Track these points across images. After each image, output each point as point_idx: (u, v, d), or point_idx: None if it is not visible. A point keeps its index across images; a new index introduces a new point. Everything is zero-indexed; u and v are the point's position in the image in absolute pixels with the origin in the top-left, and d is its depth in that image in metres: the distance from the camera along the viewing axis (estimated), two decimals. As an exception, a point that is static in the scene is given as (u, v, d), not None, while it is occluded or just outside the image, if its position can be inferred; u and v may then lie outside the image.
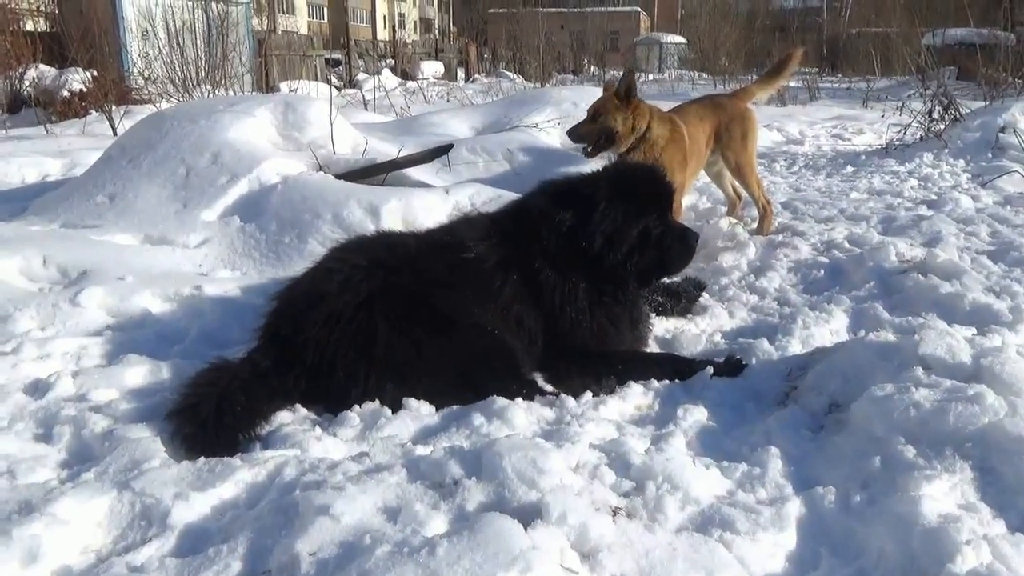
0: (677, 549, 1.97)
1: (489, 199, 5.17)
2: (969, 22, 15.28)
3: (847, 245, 5.15)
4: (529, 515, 1.99)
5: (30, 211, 5.57)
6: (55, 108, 12.44)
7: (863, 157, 9.19)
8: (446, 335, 3.05)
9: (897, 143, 9.16)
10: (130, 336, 3.71)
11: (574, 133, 5.17)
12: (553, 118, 8.24)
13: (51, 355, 3.43)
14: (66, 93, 12.49)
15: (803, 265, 4.87)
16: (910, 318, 3.74)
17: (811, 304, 4.17)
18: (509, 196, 4.80)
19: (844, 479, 2.34)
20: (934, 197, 6.70)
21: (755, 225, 5.79)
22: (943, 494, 2.13)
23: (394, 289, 3.09)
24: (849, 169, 8.61)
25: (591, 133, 5.07)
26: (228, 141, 5.64)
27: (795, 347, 3.56)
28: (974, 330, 3.50)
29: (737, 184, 6.03)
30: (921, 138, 9.16)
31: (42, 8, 16.77)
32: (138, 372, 3.29)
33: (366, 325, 2.99)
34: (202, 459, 2.50)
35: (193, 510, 2.23)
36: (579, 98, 8.68)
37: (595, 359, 3.28)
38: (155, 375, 3.31)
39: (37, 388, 3.15)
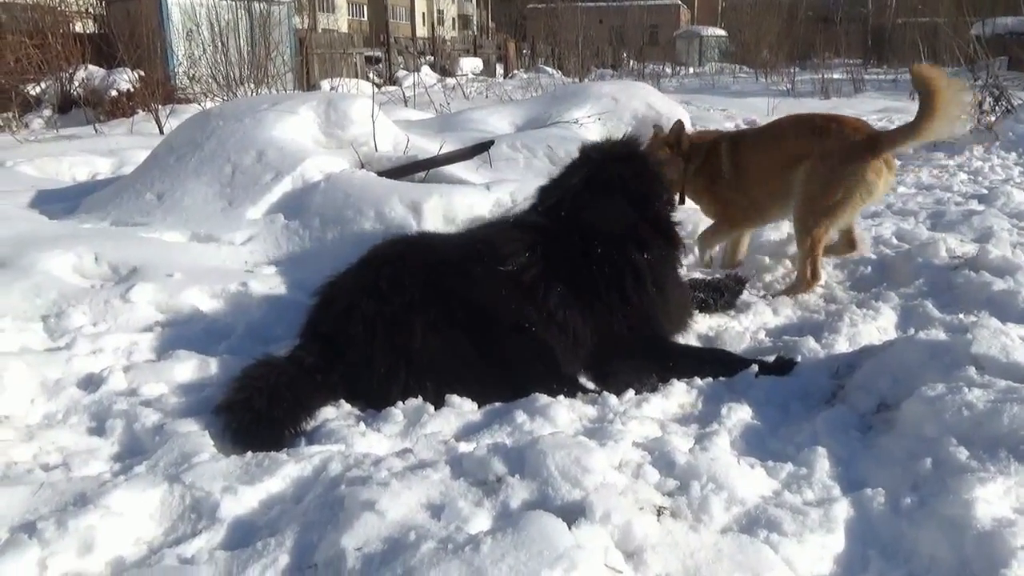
0: (723, 550, 1.95)
1: (530, 196, 5.15)
2: (1021, 10, 14.84)
3: (895, 241, 5.05)
4: (573, 514, 1.99)
5: (81, 209, 5.69)
6: (103, 108, 12.67)
7: (910, 151, 8.97)
8: (485, 334, 3.06)
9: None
10: (179, 332, 3.78)
11: None
12: (594, 113, 8.19)
13: (103, 350, 3.51)
14: (114, 93, 12.72)
15: (849, 261, 4.78)
16: (961, 316, 3.65)
17: (858, 301, 4.10)
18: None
19: (893, 481, 2.29)
20: (985, 191, 6.52)
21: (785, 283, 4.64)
22: (997, 497, 2.06)
23: (434, 288, 3.11)
24: (895, 163, 8.40)
25: None
26: (272, 139, 5.71)
27: (842, 345, 3.51)
28: (1029, 329, 3.39)
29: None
30: (971, 131, 8.93)
31: (91, 10, 17.12)
32: (187, 367, 3.36)
33: (405, 324, 3.02)
34: (249, 454, 2.54)
35: (241, 504, 2.27)
36: (619, 93, 8.62)
37: (643, 355, 3.27)
38: (203, 370, 3.37)
39: (90, 382, 3.23)
